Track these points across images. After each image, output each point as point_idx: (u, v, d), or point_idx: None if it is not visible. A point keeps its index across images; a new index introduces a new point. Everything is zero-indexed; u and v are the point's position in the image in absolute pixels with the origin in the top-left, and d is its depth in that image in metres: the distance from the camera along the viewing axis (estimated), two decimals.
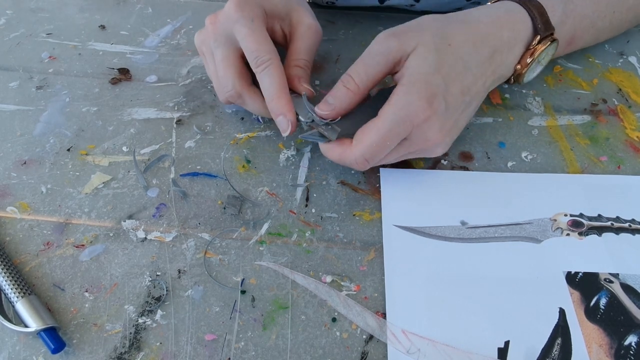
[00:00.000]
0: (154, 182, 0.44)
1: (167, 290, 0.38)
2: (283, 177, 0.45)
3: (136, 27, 0.59)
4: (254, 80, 0.43)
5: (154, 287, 0.38)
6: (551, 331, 0.35)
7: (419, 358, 0.34)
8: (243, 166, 0.46)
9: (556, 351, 0.34)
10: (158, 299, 0.37)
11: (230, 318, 0.36)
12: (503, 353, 0.34)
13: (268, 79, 0.41)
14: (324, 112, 0.40)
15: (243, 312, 0.37)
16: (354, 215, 0.42)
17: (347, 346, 0.35)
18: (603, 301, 0.37)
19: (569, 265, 0.39)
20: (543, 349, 0.35)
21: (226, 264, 0.39)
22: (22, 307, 0.35)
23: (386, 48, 0.39)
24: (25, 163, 0.45)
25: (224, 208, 0.43)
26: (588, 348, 0.35)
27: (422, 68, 0.38)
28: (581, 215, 0.42)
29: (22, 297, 0.35)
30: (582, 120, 0.50)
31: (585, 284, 0.38)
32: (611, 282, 0.38)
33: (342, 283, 0.38)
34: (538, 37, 0.43)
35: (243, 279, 0.38)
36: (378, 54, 0.39)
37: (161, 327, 0.36)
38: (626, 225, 0.41)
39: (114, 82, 0.53)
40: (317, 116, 0.40)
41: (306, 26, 0.45)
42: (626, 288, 0.38)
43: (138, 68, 0.54)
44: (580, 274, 0.38)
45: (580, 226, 0.41)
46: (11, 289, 0.36)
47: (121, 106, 0.50)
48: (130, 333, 0.36)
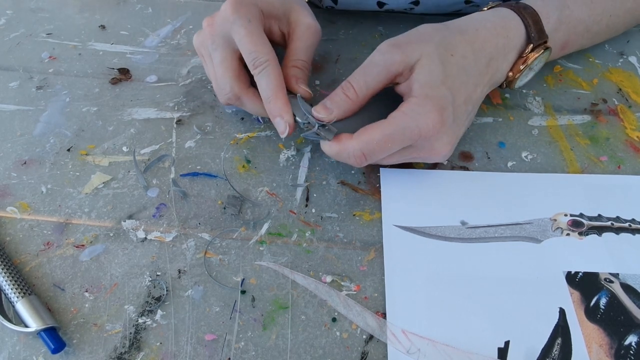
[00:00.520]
0: (154, 182, 0.44)
1: (167, 290, 0.38)
2: (283, 177, 0.45)
3: (136, 27, 0.59)
4: (253, 81, 0.43)
5: (154, 287, 0.38)
6: (551, 331, 0.35)
7: (419, 358, 0.34)
8: (243, 166, 0.46)
9: (556, 351, 0.34)
10: (158, 299, 0.37)
11: (230, 318, 0.36)
12: (503, 353, 0.34)
13: (265, 81, 0.41)
14: (321, 116, 0.40)
15: (243, 312, 0.37)
16: (354, 215, 0.42)
17: (347, 346, 0.35)
18: (603, 301, 0.37)
19: (569, 265, 0.39)
20: (543, 349, 0.35)
21: (226, 264, 0.39)
22: (22, 307, 0.35)
23: (388, 60, 0.39)
24: (25, 163, 0.45)
25: (224, 208, 0.43)
26: (588, 348, 0.35)
27: (431, 81, 0.38)
28: (581, 215, 0.42)
29: (22, 297, 0.35)
30: (582, 120, 0.50)
31: (585, 284, 0.38)
32: (611, 282, 0.38)
33: (342, 283, 0.38)
34: (531, 46, 0.43)
35: (243, 279, 0.38)
36: (379, 65, 0.39)
37: (161, 327, 0.36)
38: (626, 225, 0.41)
39: (114, 82, 0.53)
40: (314, 118, 0.40)
41: (305, 26, 0.45)
42: (626, 288, 0.38)
43: (138, 68, 0.54)
44: (580, 274, 0.38)
45: (580, 226, 0.41)
46: (11, 289, 0.36)
47: (121, 106, 0.50)
48: (130, 333, 0.36)
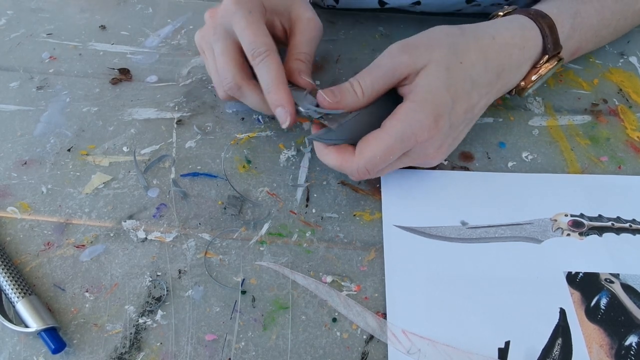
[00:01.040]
0: (155, 182, 0.44)
1: (168, 290, 0.38)
2: (283, 177, 0.45)
3: (136, 27, 0.59)
4: (254, 75, 0.43)
5: (155, 287, 0.38)
6: (551, 331, 0.35)
7: (420, 358, 0.34)
8: (243, 166, 0.46)
9: (556, 351, 0.34)
10: (158, 299, 0.37)
11: (230, 318, 0.36)
12: (503, 353, 0.34)
13: (265, 70, 0.40)
14: (327, 99, 0.38)
15: (243, 312, 0.37)
16: (355, 215, 0.42)
17: (348, 346, 0.35)
18: (603, 301, 0.37)
19: (570, 265, 0.39)
20: (543, 349, 0.35)
21: (226, 264, 0.39)
22: (23, 307, 0.35)
23: (397, 63, 0.38)
24: (25, 163, 0.45)
25: (225, 208, 0.43)
26: (588, 348, 0.35)
27: (433, 87, 0.38)
28: (582, 215, 0.42)
29: (23, 297, 0.35)
30: (583, 120, 0.50)
31: (585, 284, 0.38)
32: (612, 282, 0.38)
33: (343, 283, 0.38)
34: (546, 57, 0.43)
35: (243, 279, 0.38)
36: (387, 68, 0.39)
37: (161, 327, 0.36)
38: (627, 225, 0.41)
39: (115, 82, 0.53)
40: (320, 105, 0.39)
41: (306, 20, 0.45)
42: (627, 288, 0.38)
43: (138, 68, 0.54)
44: (580, 274, 0.38)
45: (580, 226, 0.41)
46: (11, 289, 0.36)
47: (121, 106, 0.50)
48: (130, 333, 0.36)
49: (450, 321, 0.36)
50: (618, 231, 0.41)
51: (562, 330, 0.35)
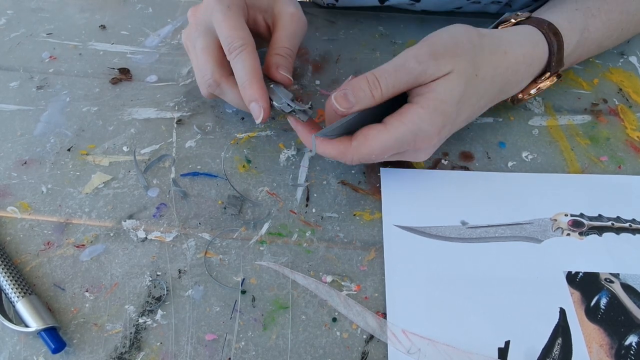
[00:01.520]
0: (155, 182, 0.44)
1: (168, 290, 0.38)
2: (283, 177, 0.45)
3: (136, 27, 0.59)
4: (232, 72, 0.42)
5: (155, 287, 0.38)
6: (551, 331, 0.35)
7: (420, 358, 0.34)
8: (243, 166, 0.46)
9: (556, 351, 0.34)
10: (158, 299, 0.37)
11: (230, 318, 0.36)
12: (503, 353, 0.34)
13: (240, 65, 0.40)
14: (341, 109, 0.37)
15: (243, 312, 0.37)
16: (355, 215, 0.42)
17: (348, 346, 0.35)
18: (603, 301, 0.37)
19: (570, 265, 0.39)
20: (543, 349, 0.35)
21: (226, 264, 0.39)
22: (23, 307, 0.35)
23: (424, 69, 0.37)
24: (25, 163, 0.45)
25: (225, 208, 0.43)
26: (588, 348, 0.35)
27: (448, 97, 0.37)
28: (581, 215, 0.42)
29: (23, 297, 0.35)
30: (583, 120, 0.50)
31: (585, 284, 0.38)
32: (611, 282, 0.38)
33: (343, 283, 0.38)
34: (548, 74, 0.44)
35: (243, 279, 0.38)
36: (413, 73, 0.37)
37: (161, 327, 0.36)
38: (627, 225, 0.41)
39: (115, 82, 0.53)
40: (287, 97, 0.40)
41: (289, 15, 0.45)
42: (627, 288, 0.38)
43: (138, 68, 0.54)
44: (580, 274, 0.38)
45: (580, 226, 0.41)
46: (11, 289, 0.36)
47: (121, 106, 0.50)
48: (130, 333, 0.36)
49: (450, 321, 0.36)
50: (618, 231, 0.41)
51: (562, 330, 0.35)
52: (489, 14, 0.60)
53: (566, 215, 0.42)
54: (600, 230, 0.41)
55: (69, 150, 0.47)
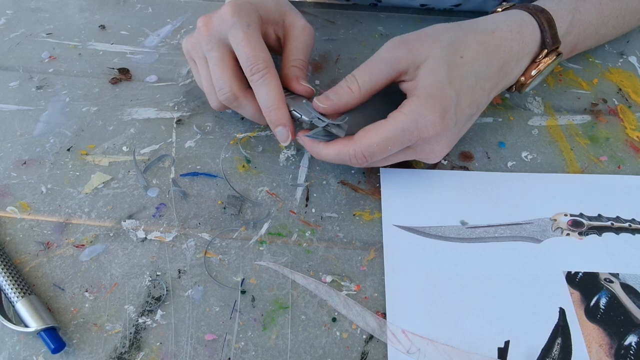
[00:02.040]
0: (154, 182, 0.44)
1: (167, 290, 0.38)
2: (283, 177, 0.45)
3: (136, 27, 0.59)
4: (249, 85, 0.42)
5: (154, 287, 0.38)
6: (551, 331, 0.35)
7: (419, 358, 0.34)
8: (243, 166, 0.46)
9: (556, 351, 0.34)
10: (158, 299, 0.37)
11: (230, 318, 0.36)
12: (503, 353, 0.34)
13: (265, 90, 0.40)
14: (323, 106, 0.39)
15: (243, 312, 0.37)
16: (354, 215, 0.42)
17: (347, 346, 0.35)
18: (603, 301, 0.37)
19: (569, 265, 0.39)
20: (543, 349, 0.35)
21: (226, 264, 0.39)
22: (22, 307, 0.35)
23: (394, 57, 0.39)
24: (25, 163, 0.45)
25: (224, 208, 0.43)
26: (588, 348, 0.35)
27: (435, 81, 0.38)
28: (581, 215, 0.42)
29: (22, 297, 0.35)
30: (582, 120, 0.50)
31: (585, 284, 0.38)
32: (611, 282, 0.38)
33: (342, 283, 0.38)
34: (545, 51, 0.43)
35: (243, 279, 0.38)
36: (385, 62, 0.39)
37: (161, 327, 0.36)
38: (626, 225, 0.41)
39: (114, 82, 0.53)
40: (317, 111, 0.39)
41: (300, 28, 0.45)
42: (626, 288, 0.38)
43: (138, 68, 0.54)
44: (580, 274, 0.38)
45: (580, 226, 0.41)
46: (11, 289, 0.36)
47: (121, 106, 0.50)
48: (130, 333, 0.36)
49: (450, 321, 0.36)
50: (617, 231, 0.41)
51: (562, 330, 0.35)
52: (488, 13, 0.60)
53: (566, 215, 0.42)
54: (599, 230, 0.41)
55: (69, 150, 0.47)
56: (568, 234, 0.41)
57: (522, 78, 0.44)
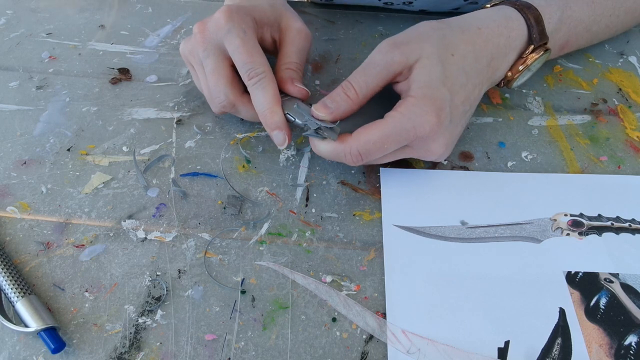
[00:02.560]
0: (154, 182, 0.44)
1: (167, 290, 0.38)
2: (283, 177, 0.45)
3: (136, 27, 0.59)
4: (245, 88, 0.43)
5: (154, 287, 0.38)
6: (551, 331, 0.35)
7: (419, 358, 0.34)
8: (243, 166, 0.46)
9: (556, 351, 0.34)
10: (158, 299, 0.37)
11: (230, 318, 0.36)
12: (503, 353, 0.34)
13: (262, 94, 0.40)
14: (321, 115, 0.39)
15: (243, 312, 0.37)
16: (354, 215, 0.42)
17: (347, 346, 0.35)
18: (603, 301, 0.37)
19: (569, 265, 0.39)
20: (543, 349, 0.35)
21: (226, 264, 0.39)
22: (22, 307, 0.35)
23: (388, 60, 0.39)
24: (25, 163, 0.45)
25: (224, 208, 0.43)
26: (588, 348, 0.35)
27: (430, 81, 0.38)
28: (581, 215, 0.42)
29: (22, 297, 0.35)
30: (582, 120, 0.50)
31: (585, 284, 0.38)
32: (611, 282, 0.38)
33: (342, 283, 0.38)
34: (532, 47, 0.43)
35: (243, 279, 0.38)
36: (379, 65, 0.39)
37: (161, 327, 0.36)
38: (626, 225, 0.41)
39: (114, 82, 0.53)
40: (314, 118, 0.40)
41: (296, 30, 0.45)
42: (626, 288, 0.38)
43: (138, 68, 0.54)
44: (580, 274, 0.38)
45: (580, 226, 0.41)
46: (11, 289, 0.36)
47: (121, 106, 0.50)
48: (130, 333, 0.36)
49: (450, 321, 0.36)
50: (617, 231, 0.41)
51: (562, 330, 0.35)
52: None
53: (566, 215, 0.42)
54: (599, 230, 0.41)
55: (69, 150, 0.47)
56: (568, 234, 0.41)
57: (509, 73, 0.45)
